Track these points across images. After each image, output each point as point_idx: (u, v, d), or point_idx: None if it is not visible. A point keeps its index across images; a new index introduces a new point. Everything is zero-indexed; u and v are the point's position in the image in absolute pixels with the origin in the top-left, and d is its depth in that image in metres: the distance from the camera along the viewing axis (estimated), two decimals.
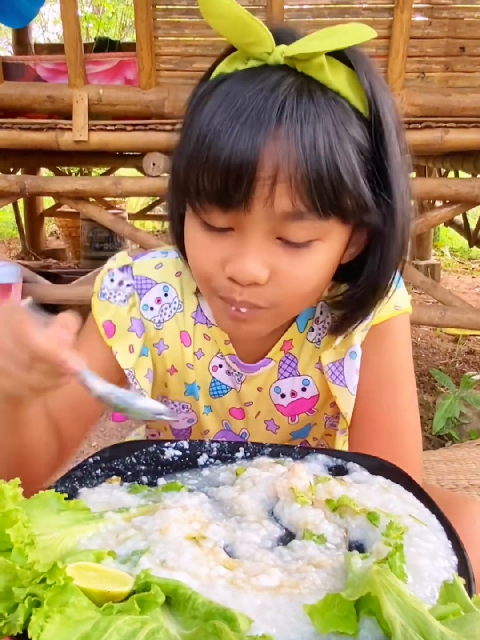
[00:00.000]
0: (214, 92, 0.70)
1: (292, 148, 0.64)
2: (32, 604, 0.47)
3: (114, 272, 0.93)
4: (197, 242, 0.75)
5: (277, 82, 0.66)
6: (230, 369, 0.95)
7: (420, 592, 0.57)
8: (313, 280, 0.74)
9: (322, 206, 0.66)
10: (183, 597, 0.51)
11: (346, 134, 0.66)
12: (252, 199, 0.66)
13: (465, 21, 2.20)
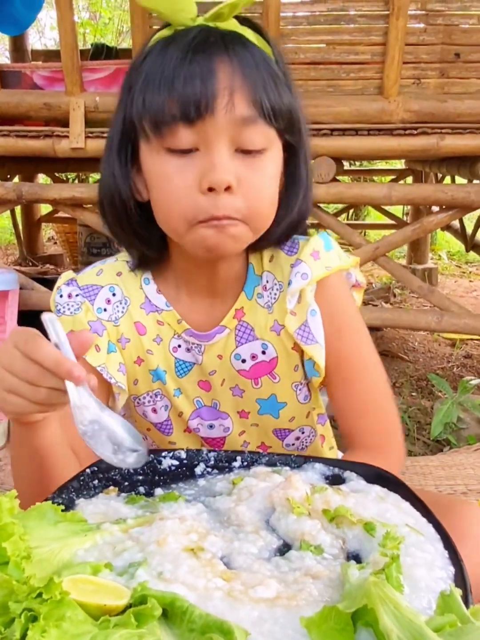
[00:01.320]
0: (155, 46, 0.83)
1: (241, 65, 0.79)
2: (29, 618, 0.47)
3: (62, 288, 1.01)
4: (168, 171, 0.82)
5: (209, 30, 0.81)
6: (189, 345, 1.02)
7: (417, 602, 0.57)
8: (269, 188, 0.86)
9: (269, 113, 0.81)
10: (180, 609, 0.51)
11: (272, 63, 0.84)
12: (215, 106, 0.78)
13: (460, 28, 2.21)
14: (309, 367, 1.02)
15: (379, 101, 2.25)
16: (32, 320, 2.16)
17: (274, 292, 1.00)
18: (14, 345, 0.70)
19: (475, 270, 5.68)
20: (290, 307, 0.97)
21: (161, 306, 1.01)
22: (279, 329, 1.00)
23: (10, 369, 0.70)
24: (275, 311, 1.00)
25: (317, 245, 0.97)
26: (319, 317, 0.97)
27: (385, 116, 2.26)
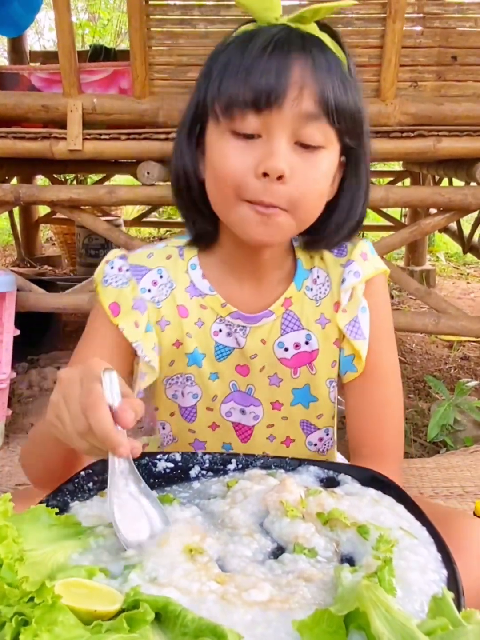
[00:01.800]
0: (239, 36, 0.89)
1: (316, 65, 0.84)
2: (20, 622, 0.47)
3: (114, 261, 1.04)
4: (228, 151, 0.88)
5: (290, 30, 0.87)
6: (232, 329, 1.05)
7: (409, 606, 0.57)
8: (320, 184, 0.89)
9: (333, 113, 0.85)
10: (173, 613, 0.51)
11: (345, 73, 0.88)
12: (284, 99, 0.83)
13: (457, 31, 2.21)
14: (347, 362, 1.05)
15: (376, 104, 2.26)
16: (29, 322, 2.16)
17: (324, 287, 1.05)
18: (80, 380, 0.69)
19: (472, 272, 5.69)
20: (344, 304, 1.02)
21: (205, 291, 1.04)
22: (325, 322, 1.05)
23: (67, 404, 0.69)
24: (323, 305, 1.05)
25: (364, 248, 1.04)
26: (367, 314, 1.03)
27: (383, 119, 2.26)
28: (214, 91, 0.89)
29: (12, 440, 2.32)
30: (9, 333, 2.27)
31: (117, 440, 0.64)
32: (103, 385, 0.67)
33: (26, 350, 2.86)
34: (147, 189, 2.35)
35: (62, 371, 0.72)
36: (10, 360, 2.27)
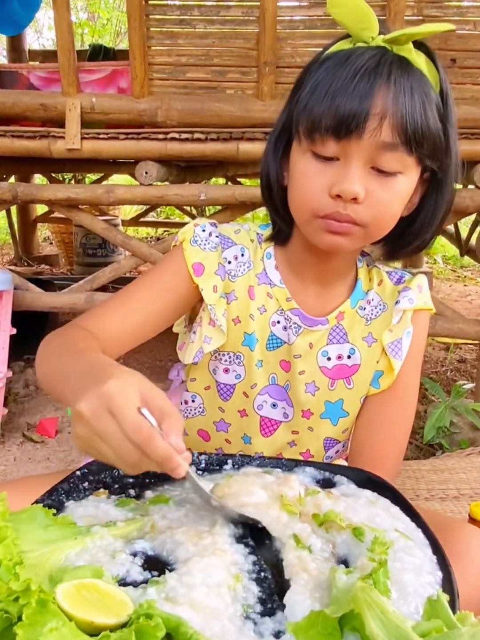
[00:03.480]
0: (333, 56, 0.90)
1: (398, 95, 0.85)
2: (4, 620, 0.47)
3: (205, 225, 1.08)
4: (308, 171, 0.92)
5: (383, 52, 0.88)
6: (288, 325, 1.09)
7: (404, 607, 0.57)
8: (394, 206, 0.93)
9: (411, 142, 0.86)
10: (184, 636, 0.50)
11: (430, 97, 0.89)
12: (364, 130, 0.85)
13: (457, 34, 2.21)
14: (374, 379, 1.10)
15: None
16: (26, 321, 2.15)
17: (377, 310, 1.11)
18: (109, 413, 0.64)
19: (470, 274, 5.70)
20: (394, 322, 1.08)
21: (275, 281, 1.09)
22: (372, 341, 1.10)
23: (105, 440, 0.65)
24: (373, 325, 1.10)
25: (421, 282, 1.10)
26: (410, 339, 1.08)
27: None
28: (299, 110, 0.92)
29: (8, 440, 2.32)
30: (6, 332, 2.26)
31: (175, 463, 0.64)
32: (144, 414, 0.65)
33: (23, 349, 2.84)
34: (145, 189, 2.34)
35: (82, 405, 0.65)
36: (7, 359, 2.26)
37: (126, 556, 0.64)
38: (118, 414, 0.63)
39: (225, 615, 0.55)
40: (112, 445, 0.64)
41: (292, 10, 2.27)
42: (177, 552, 0.65)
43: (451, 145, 0.94)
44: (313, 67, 0.94)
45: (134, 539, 0.67)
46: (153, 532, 0.68)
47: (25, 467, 2.14)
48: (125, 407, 0.63)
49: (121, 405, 0.64)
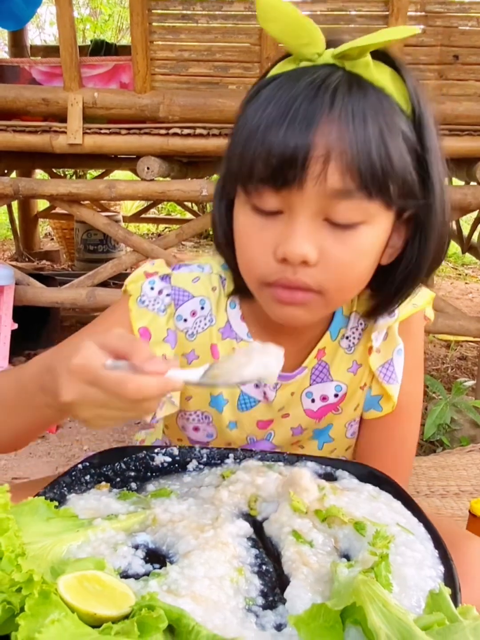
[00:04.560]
0: (267, 86, 0.74)
1: (343, 130, 0.68)
2: (7, 611, 0.47)
3: (155, 281, 0.94)
4: (248, 228, 0.77)
5: (328, 74, 0.71)
6: (260, 382, 0.96)
7: (406, 601, 0.57)
8: (359, 264, 0.76)
9: (371, 185, 0.69)
10: (185, 628, 0.50)
11: (393, 123, 0.71)
12: (305, 177, 0.69)
13: (459, 30, 2.21)
14: (373, 402, 0.99)
15: None
16: (27, 316, 2.15)
17: (357, 332, 0.96)
18: (92, 384, 0.62)
19: (471, 272, 5.70)
20: (376, 345, 0.94)
21: (242, 335, 0.95)
22: (357, 367, 0.98)
23: (100, 408, 0.64)
24: (357, 352, 0.97)
25: None
26: (402, 357, 0.95)
27: None
28: (231, 155, 0.77)
29: None
30: (7, 327, 2.27)
31: (171, 385, 0.63)
32: (112, 366, 0.63)
33: (24, 344, 2.85)
34: (146, 184, 2.34)
35: (64, 395, 0.63)
36: (8, 354, 2.26)
37: (128, 549, 0.64)
38: (96, 382, 0.61)
39: (227, 607, 0.55)
40: (116, 408, 0.63)
41: (295, 6, 2.26)
42: (178, 545, 0.65)
43: (433, 176, 0.75)
44: (250, 97, 0.78)
45: (136, 532, 0.67)
46: (154, 525, 0.68)
47: (26, 462, 2.14)
48: (95, 371, 0.61)
49: (92, 373, 0.61)
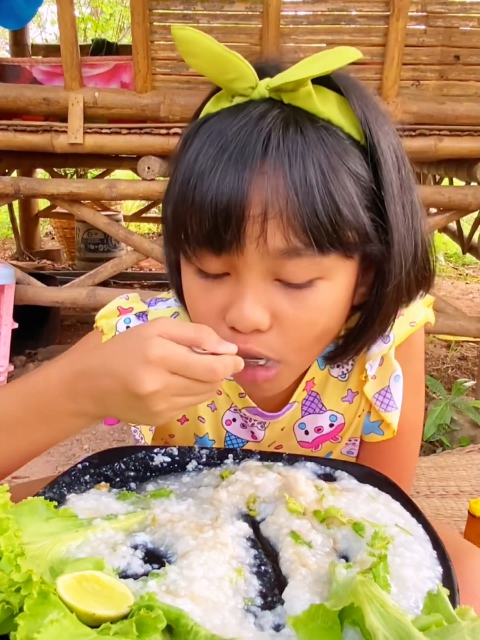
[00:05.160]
0: (198, 132, 0.68)
1: (280, 182, 0.61)
2: (5, 610, 0.47)
3: (131, 319, 0.87)
4: (194, 291, 0.71)
5: (261, 115, 0.63)
6: (247, 422, 0.92)
7: (404, 602, 0.57)
8: (319, 323, 0.70)
9: (319, 240, 0.63)
10: (184, 628, 0.49)
11: (340, 163, 0.63)
12: (243, 240, 0.63)
13: (460, 30, 2.21)
14: (373, 427, 0.93)
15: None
16: (27, 316, 2.15)
17: (349, 359, 0.88)
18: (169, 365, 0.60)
19: (472, 272, 5.70)
20: (371, 374, 0.87)
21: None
22: (353, 396, 0.91)
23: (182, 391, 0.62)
24: (351, 379, 0.90)
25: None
26: (401, 382, 0.88)
27: None
28: (167, 211, 0.70)
29: None
30: (7, 326, 2.27)
31: (239, 361, 0.64)
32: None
33: (24, 344, 2.85)
34: (147, 184, 2.34)
35: (144, 385, 0.60)
36: (8, 353, 2.27)
37: (127, 549, 0.64)
38: (183, 367, 0.59)
39: (226, 608, 0.55)
40: (194, 394, 0.62)
41: (296, 6, 2.27)
42: (177, 545, 0.65)
43: (390, 217, 0.67)
44: (185, 140, 0.71)
45: (135, 532, 0.67)
46: (154, 525, 0.68)
47: None
48: (183, 358, 0.59)
49: (179, 359, 0.59)
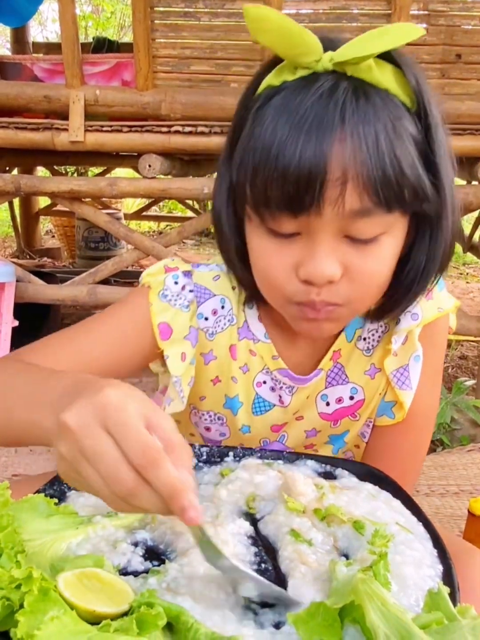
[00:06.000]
0: (270, 104, 0.72)
1: (357, 149, 0.67)
2: (6, 607, 0.47)
3: (178, 276, 0.92)
4: (265, 251, 0.76)
5: (333, 87, 0.69)
6: (277, 385, 0.95)
7: (404, 600, 0.57)
8: (383, 273, 0.77)
9: (387, 200, 0.69)
10: (184, 625, 0.49)
11: (403, 129, 0.70)
12: (323, 202, 0.68)
13: (462, 29, 2.20)
14: (386, 407, 0.97)
15: None
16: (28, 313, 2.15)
17: (377, 334, 0.95)
18: (103, 427, 0.51)
19: (472, 271, 5.69)
20: (395, 348, 0.92)
21: (259, 336, 0.94)
22: (375, 372, 0.95)
23: (93, 461, 0.51)
24: (375, 355, 0.95)
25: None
26: (420, 364, 0.93)
27: None
28: (239, 177, 0.75)
29: None
30: (8, 324, 2.27)
31: (187, 501, 0.49)
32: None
33: (24, 342, 2.85)
34: (148, 182, 2.34)
35: (68, 415, 0.52)
36: (8, 351, 2.26)
37: (127, 546, 0.64)
38: (118, 429, 0.50)
39: (227, 605, 0.56)
40: (103, 467, 0.50)
41: (298, 4, 2.26)
42: (177, 542, 0.65)
43: (442, 176, 0.75)
44: (250, 105, 0.76)
45: (135, 529, 0.68)
46: (154, 522, 0.68)
47: (26, 459, 2.14)
48: (127, 421, 0.50)
49: (123, 418, 0.50)
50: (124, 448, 0.50)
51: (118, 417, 0.51)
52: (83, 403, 0.52)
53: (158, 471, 0.50)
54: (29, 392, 0.66)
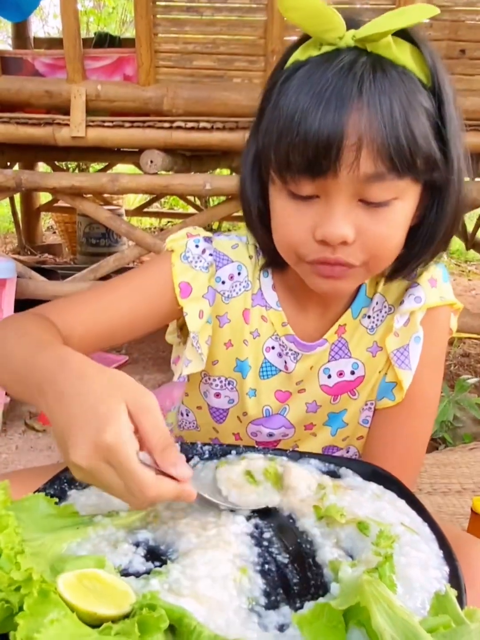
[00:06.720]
0: (294, 77, 0.78)
1: (372, 117, 0.72)
2: (5, 610, 0.46)
3: (199, 240, 1.00)
4: (285, 212, 0.82)
5: (353, 61, 0.74)
6: (283, 351, 1.01)
7: (410, 602, 0.56)
8: (395, 236, 0.82)
9: (400, 166, 0.74)
10: (187, 628, 0.48)
11: (416, 101, 0.75)
12: (339, 166, 0.74)
13: (467, 24, 2.19)
14: (387, 389, 1.00)
15: None
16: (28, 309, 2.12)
17: (381, 314, 1.00)
18: (107, 462, 0.59)
19: (474, 269, 5.68)
20: (397, 327, 0.97)
21: (271, 303, 1.00)
22: (377, 350, 1.00)
23: (107, 488, 0.62)
24: (378, 333, 1.00)
25: (435, 274, 0.97)
26: (420, 345, 0.97)
27: None
28: (264, 144, 0.82)
29: (10, 428, 2.32)
30: None
31: (187, 494, 0.61)
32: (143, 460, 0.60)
33: None
34: (149, 178, 2.33)
35: (78, 459, 0.60)
36: None
37: (128, 546, 0.63)
38: (116, 467, 0.59)
39: (230, 607, 0.55)
40: (114, 492, 0.61)
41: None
42: (178, 543, 0.64)
43: (450, 146, 0.80)
44: (277, 78, 0.82)
45: (137, 529, 0.67)
46: (156, 522, 0.68)
47: (27, 456, 2.14)
48: (126, 462, 0.58)
49: (121, 460, 0.58)
50: (127, 484, 0.59)
51: (115, 458, 0.58)
52: (87, 445, 0.59)
53: (159, 497, 0.60)
54: (22, 364, 0.73)
